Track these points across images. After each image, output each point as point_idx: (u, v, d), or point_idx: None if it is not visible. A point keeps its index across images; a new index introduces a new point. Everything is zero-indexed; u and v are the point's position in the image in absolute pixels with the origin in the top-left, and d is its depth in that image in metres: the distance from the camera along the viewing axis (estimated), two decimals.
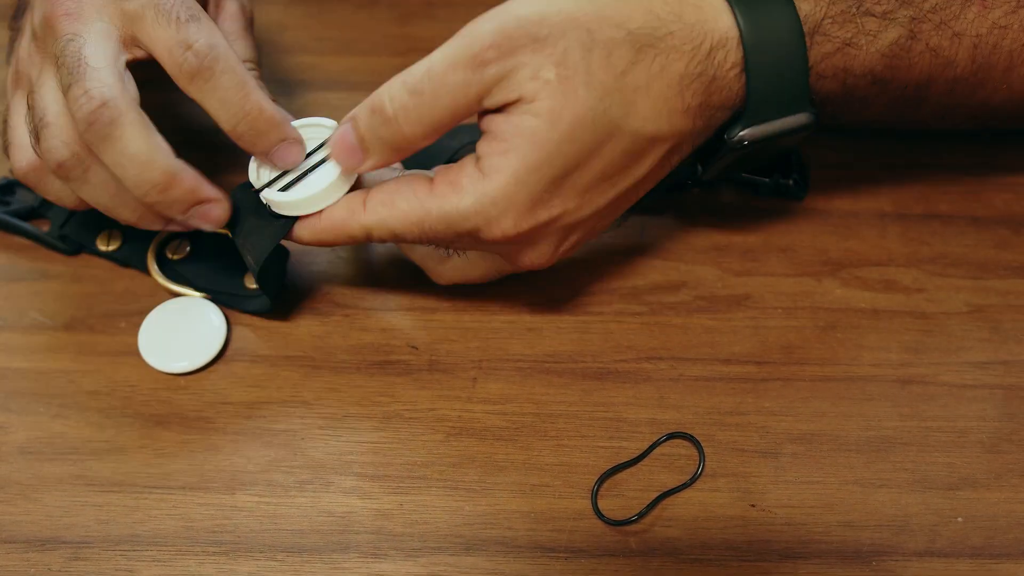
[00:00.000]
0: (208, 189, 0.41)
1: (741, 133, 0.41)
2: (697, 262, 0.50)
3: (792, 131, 0.42)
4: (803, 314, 0.48)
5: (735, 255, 0.50)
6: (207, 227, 0.42)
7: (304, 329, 0.47)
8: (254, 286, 0.47)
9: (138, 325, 0.47)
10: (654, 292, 0.48)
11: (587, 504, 0.42)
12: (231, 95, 0.40)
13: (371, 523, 0.42)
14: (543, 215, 0.40)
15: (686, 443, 0.44)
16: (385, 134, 0.39)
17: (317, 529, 0.41)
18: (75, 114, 0.39)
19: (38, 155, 0.41)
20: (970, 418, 0.44)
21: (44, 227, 0.50)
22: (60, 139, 0.40)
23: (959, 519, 0.41)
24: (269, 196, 0.42)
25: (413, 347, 0.47)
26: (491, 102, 0.39)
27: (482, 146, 0.40)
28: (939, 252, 0.50)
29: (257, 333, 0.47)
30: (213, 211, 0.42)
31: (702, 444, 0.43)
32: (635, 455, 0.43)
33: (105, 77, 0.39)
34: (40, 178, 0.43)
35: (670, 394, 0.45)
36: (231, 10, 0.47)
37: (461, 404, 0.45)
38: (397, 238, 0.41)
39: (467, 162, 0.40)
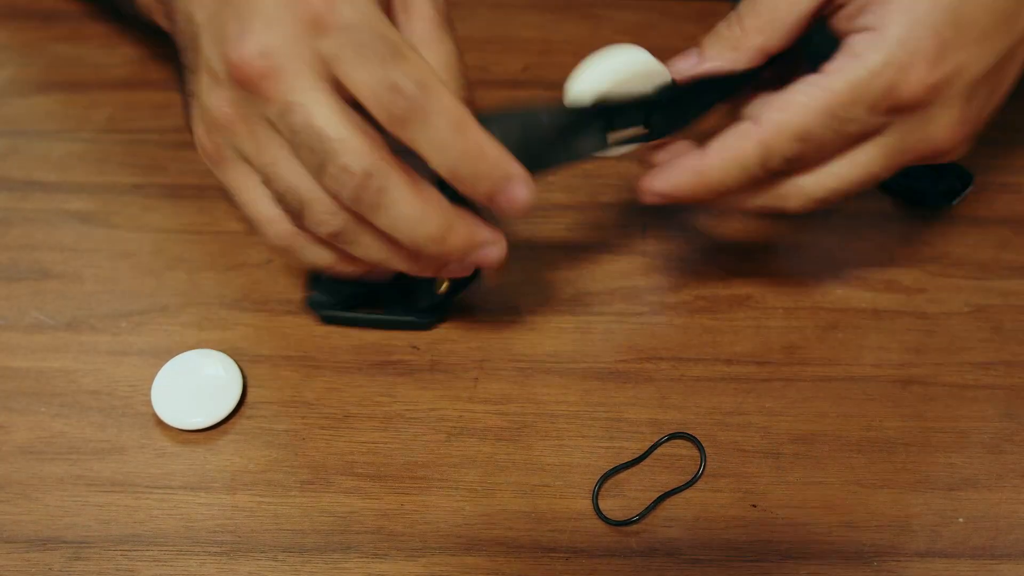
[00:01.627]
0: (485, 232, 0.39)
1: None
2: (698, 262, 0.50)
3: None
4: (804, 314, 0.48)
5: (736, 255, 0.50)
6: (485, 267, 0.41)
7: (305, 329, 0.47)
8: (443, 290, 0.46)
9: (140, 325, 0.47)
10: (655, 292, 0.48)
11: (588, 504, 0.42)
12: (446, 137, 0.36)
13: (372, 523, 0.42)
14: (951, 61, 0.37)
15: (687, 443, 0.44)
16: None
17: (318, 529, 0.41)
18: (339, 193, 0.36)
19: (296, 226, 0.39)
20: (972, 419, 0.44)
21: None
22: (327, 212, 0.37)
23: (960, 520, 0.41)
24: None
25: (414, 347, 0.47)
26: None
27: (857, 17, 0.38)
28: (940, 252, 0.50)
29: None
30: (491, 253, 0.40)
31: (703, 444, 0.43)
32: (636, 455, 0.43)
33: (354, 146, 0.36)
34: (299, 247, 0.40)
35: (671, 394, 0.45)
36: (423, 10, 0.41)
37: (462, 404, 0.45)
38: (803, 141, 0.38)
39: (850, 38, 0.38)
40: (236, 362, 0.46)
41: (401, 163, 0.37)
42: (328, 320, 0.47)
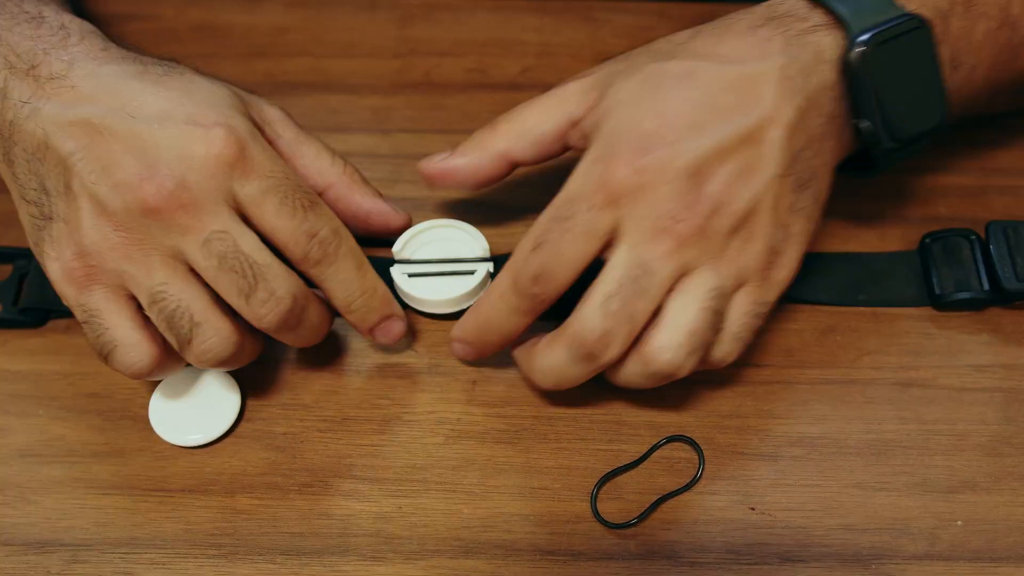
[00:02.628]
0: (395, 305, 0.44)
1: None
2: None
3: None
4: (803, 317, 0.48)
5: None
6: (387, 342, 0.45)
7: None
8: None
9: None
10: None
11: (587, 507, 0.42)
12: (350, 276, 0.42)
13: (370, 526, 0.42)
14: (659, 145, 0.39)
15: (686, 446, 0.44)
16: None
17: (316, 532, 0.41)
18: (262, 317, 0.40)
19: (174, 347, 0.40)
20: (970, 421, 0.44)
21: None
22: (224, 335, 0.40)
23: (959, 522, 0.41)
24: (400, 280, 0.46)
25: (413, 350, 0.47)
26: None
27: (585, 142, 0.42)
28: None
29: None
30: (395, 327, 0.44)
31: (702, 447, 0.43)
32: (635, 458, 0.43)
33: (280, 271, 0.40)
34: (165, 369, 0.41)
35: (670, 397, 0.45)
36: (284, 127, 0.45)
37: (461, 407, 0.45)
38: (539, 248, 0.40)
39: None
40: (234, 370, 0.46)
41: (309, 291, 0.42)
42: None
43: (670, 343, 0.39)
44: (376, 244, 0.47)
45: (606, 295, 0.39)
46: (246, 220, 0.40)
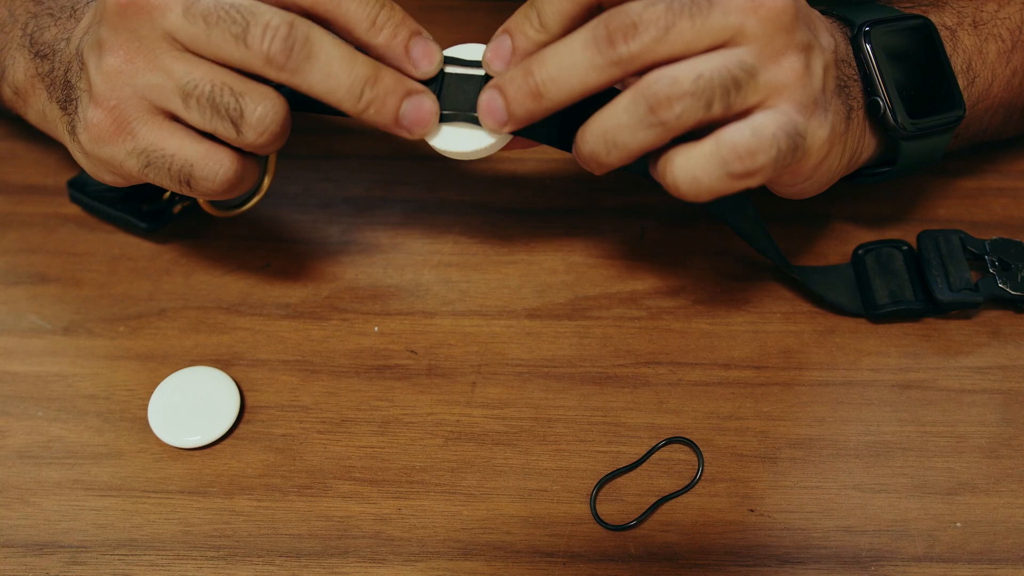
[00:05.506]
0: (413, 82, 0.39)
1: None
2: (696, 266, 0.50)
3: None
4: (802, 319, 0.48)
5: (734, 260, 0.50)
6: (419, 132, 0.40)
7: (302, 333, 0.47)
8: None
9: (137, 329, 0.47)
10: (653, 296, 0.48)
11: (586, 509, 0.42)
12: (336, 67, 0.38)
13: (369, 528, 0.42)
14: (804, 20, 0.37)
15: (685, 448, 0.44)
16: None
17: (315, 534, 0.41)
18: (268, 51, 0.37)
19: (235, 134, 0.38)
20: (969, 423, 0.44)
21: None
22: (275, 99, 0.38)
23: (958, 524, 0.41)
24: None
25: (412, 351, 0.47)
26: None
27: None
28: None
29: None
30: (424, 104, 0.39)
31: (701, 449, 0.43)
32: (634, 460, 0.43)
33: (268, 7, 0.37)
34: (246, 172, 0.41)
35: (669, 399, 0.45)
36: None
37: (460, 408, 0.45)
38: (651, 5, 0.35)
39: None
40: (233, 371, 0.46)
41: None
42: (74, 200, 0.51)
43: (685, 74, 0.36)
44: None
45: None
46: None
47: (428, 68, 0.40)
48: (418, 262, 0.50)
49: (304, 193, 0.52)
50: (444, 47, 0.40)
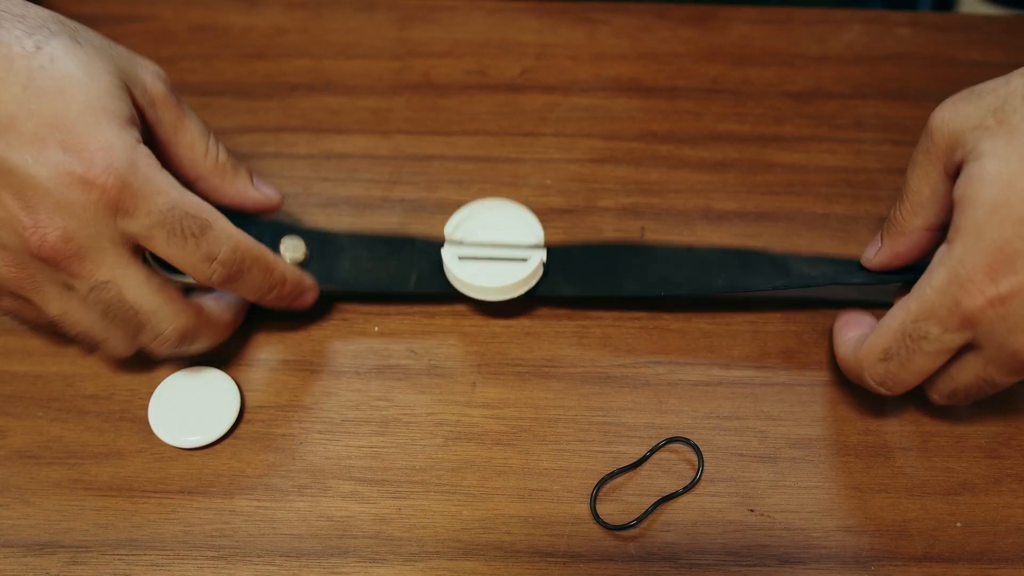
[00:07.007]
0: (305, 278, 0.46)
1: None
2: None
3: None
4: (802, 318, 0.48)
5: None
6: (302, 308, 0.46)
7: (302, 333, 0.47)
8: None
9: None
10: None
11: (586, 509, 0.42)
12: (257, 281, 0.43)
13: (369, 528, 0.42)
14: (1013, 275, 0.36)
15: (685, 448, 0.44)
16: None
17: (315, 534, 0.41)
18: (154, 354, 0.43)
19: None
20: (969, 423, 0.44)
21: None
22: (125, 348, 0.43)
23: (958, 524, 0.41)
24: (451, 262, 0.46)
25: (412, 351, 0.47)
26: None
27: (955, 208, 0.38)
28: None
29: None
30: (307, 298, 0.46)
31: (701, 449, 0.43)
32: (634, 460, 0.43)
33: (166, 313, 0.41)
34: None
35: (669, 399, 0.45)
36: (165, 102, 0.43)
37: (460, 408, 0.45)
38: (887, 359, 0.40)
39: (939, 248, 0.39)
40: (233, 371, 0.46)
41: (205, 312, 0.43)
42: None
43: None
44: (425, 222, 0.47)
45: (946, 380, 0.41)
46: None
47: (300, 308, 0.46)
48: None
49: (304, 193, 0.52)
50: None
